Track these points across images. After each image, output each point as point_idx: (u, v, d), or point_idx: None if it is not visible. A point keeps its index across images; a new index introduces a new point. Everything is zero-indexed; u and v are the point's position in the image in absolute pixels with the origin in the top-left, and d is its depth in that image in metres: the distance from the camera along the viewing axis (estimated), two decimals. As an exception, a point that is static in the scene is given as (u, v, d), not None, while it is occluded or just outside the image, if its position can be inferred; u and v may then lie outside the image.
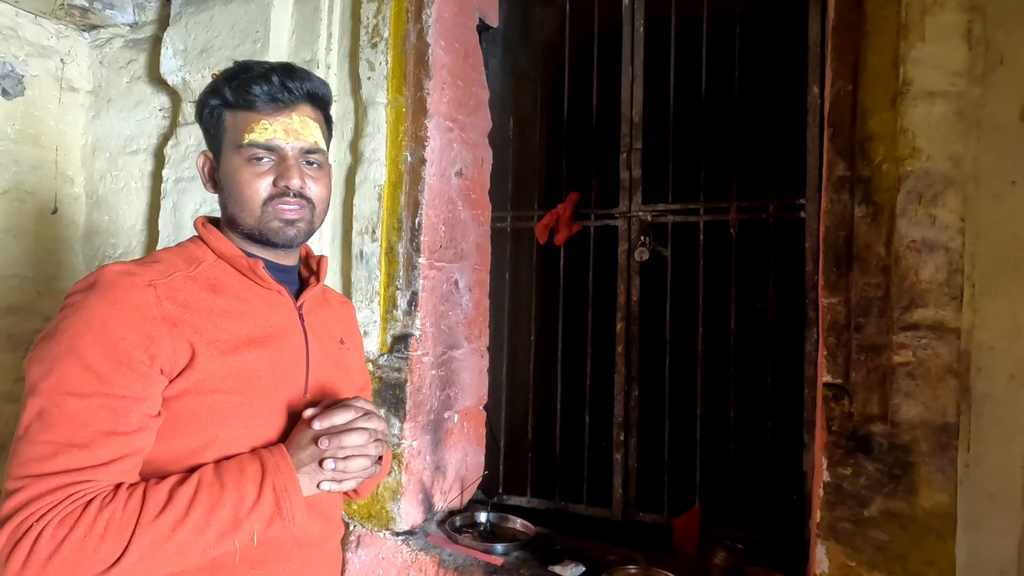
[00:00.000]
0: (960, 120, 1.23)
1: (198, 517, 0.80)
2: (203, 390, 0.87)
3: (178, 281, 0.90)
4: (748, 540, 1.73)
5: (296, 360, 1.00)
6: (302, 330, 1.02)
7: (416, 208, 1.82)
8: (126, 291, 0.84)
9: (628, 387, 2.02)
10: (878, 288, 1.29)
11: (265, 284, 0.98)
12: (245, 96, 0.95)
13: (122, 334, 0.82)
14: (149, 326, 0.84)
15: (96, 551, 0.75)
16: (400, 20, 1.86)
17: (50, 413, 0.78)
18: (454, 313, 1.97)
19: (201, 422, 0.88)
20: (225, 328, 0.91)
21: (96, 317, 0.82)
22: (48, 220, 2.30)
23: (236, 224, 0.98)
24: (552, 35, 2.67)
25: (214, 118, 0.99)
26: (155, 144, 2.28)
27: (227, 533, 0.82)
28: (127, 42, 2.35)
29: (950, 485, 1.21)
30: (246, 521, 0.83)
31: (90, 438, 0.79)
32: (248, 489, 0.84)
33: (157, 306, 0.85)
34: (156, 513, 0.78)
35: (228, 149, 0.97)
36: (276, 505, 0.85)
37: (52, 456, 0.77)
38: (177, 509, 0.79)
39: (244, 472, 0.85)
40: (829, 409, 1.32)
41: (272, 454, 0.88)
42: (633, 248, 2.00)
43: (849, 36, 1.35)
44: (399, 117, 1.85)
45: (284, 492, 0.85)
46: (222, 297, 0.94)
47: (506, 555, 1.70)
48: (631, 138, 2.03)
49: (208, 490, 0.82)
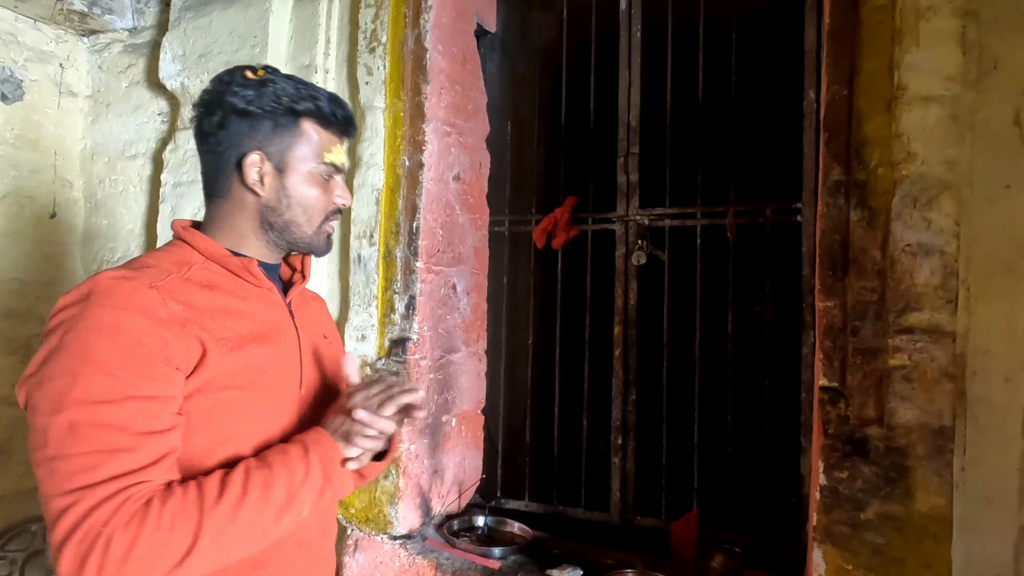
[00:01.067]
0: (955, 125, 1.24)
1: (255, 497, 0.83)
2: (214, 387, 0.88)
3: (175, 283, 0.90)
4: (746, 544, 1.73)
5: (291, 355, 1.01)
6: (294, 326, 1.04)
7: (414, 212, 1.82)
8: (129, 295, 0.83)
9: (626, 391, 2.02)
10: (873, 292, 1.30)
11: (257, 282, 0.99)
12: (332, 117, 1.00)
13: (138, 337, 0.81)
14: (160, 327, 0.83)
15: (168, 544, 0.77)
16: (398, 25, 1.87)
17: (83, 425, 0.77)
18: (452, 317, 1.97)
19: (215, 419, 0.88)
20: (228, 326, 0.92)
21: (105, 324, 0.81)
22: (47, 224, 2.30)
23: (289, 231, 1.00)
24: (550, 40, 2.68)
25: (286, 121, 0.98)
26: (154, 148, 2.28)
27: (284, 509, 0.85)
28: (126, 47, 2.36)
29: (946, 488, 1.22)
30: (299, 494, 0.87)
31: (133, 441, 0.79)
32: (296, 465, 0.88)
33: (164, 307, 0.85)
34: (215, 498, 0.81)
35: (302, 159, 0.98)
36: (325, 474, 0.89)
37: (99, 465, 0.77)
38: (233, 493, 0.82)
39: (287, 452, 0.89)
40: (825, 412, 1.32)
41: (309, 433, 0.93)
42: (631, 252, 2.01)
43: (844, 41, 1.36)
44: (397, 121, 1.85)
45: (330, 461, 0.90)
46: (220, 296, 0.94)
47: (504, 559, 1.70)
48: (628, 142, 2.04)
49: (258, 473, 0.85)
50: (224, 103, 0.96)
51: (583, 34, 2.23)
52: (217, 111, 0.97)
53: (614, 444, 2.03)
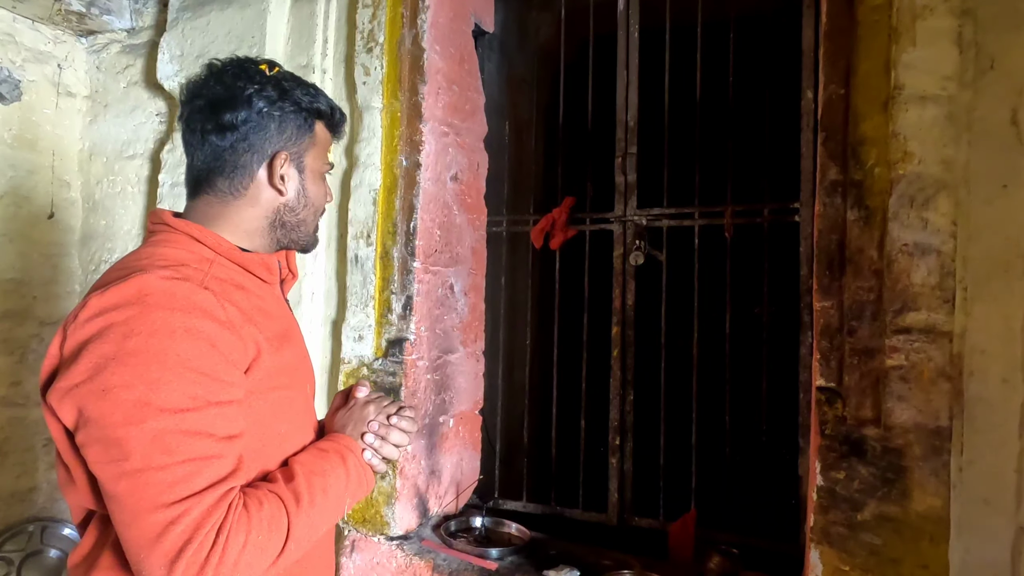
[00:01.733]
0: (951, 124, 1.24)
1: (320, 502, 0.89)
2: (264, 388, 0.89)
3: (215, 284, 0.87)
4: (744, 545, 1.73)
5: (305, 352, 1.06)
6: (296, 322, 1.07)
7: (411, 212, 1.82)
8: (189, 297, 0.81)
9: (623, 391, 2.02)
10: (871, 292, 1.29)
11: (272, 280, 1.00)
12: (335, 121, 1.04)
13: (210, 340, 0.80)
14: (223, 329, 0.82)
15: (266, 547, 0.80)
16: (395, 25, 1.86)
17: (171, 434, 0.75)
18: (449, 317, 1.97)
19: (266, 420, 0.90)
20: (267, 325, 0.92)
21: (177, 327, 0.78)
22: (44, 225, 2.30)
23: (297, 229, 1.01)
24: (547, 40, 2.68)
25: (302, 121, 0.98)
26: (152, 149, 2.28)
27: (338, 511, 0.93)
28: (124, 47, 2.36)
29: (943, 489, 1.21)
30: (345, 496, 0.94)
31: (220, 448, 0.80)
32: (339, 472, 0.94)
33: (221, 309, 0.83)
34: (295, 504, 0.86)
35: (315, 160, 1.01)
36: (359, 479, 0.97)
37: (199, 473, 0.77)
38: (307, 498, 0.87)
39: (329, 459, 0.95)
40: (822, 413, 1.31)
41: (339, 439, 0.99)
42: (628, 252, 2.00)
43: (841, 41, 1.35)
44: (394, 122, 1.85)
45: (361, 467, 0.98)
46: (251, 296, 0.93)
47: (501, 560, 1.70)
48: (626, 143, 2.04)
49: (316, 479, 0.90)
50: (250, 100, 0.93)
51: (581, 34, 2.23)
52: (241, 107, 0.92)
53: (612, 445, 2.02)
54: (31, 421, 2.23)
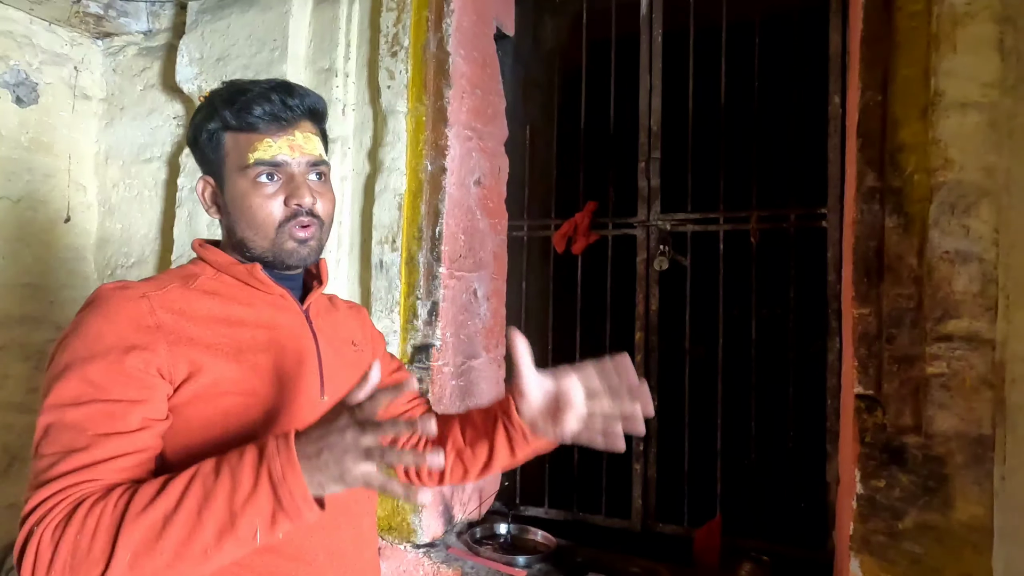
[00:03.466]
0: (993, 131, 1.23)
1: (189, 509, 0.71)
2: (213, 393, 0.88)
3: (174, 292, 0.91)
4: (770, 551, 1.72)
5: (308, 362, 0.99)
6: (311, 332, 1.01)
7: (436, 217, 1.81)
8: (119, 303, 0.86)
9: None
10: (910, 299, 1.29)
11: (266, 288, 0.98)
12: (247, 117, 0.94)
13: (114, 343, 0.83)
14: (143, 334, 0.85)
15: (89, 551, 0.71)
16: (420, 29, 1.85)
17: (54, 427, 0.81)
18: (473, 323, 1.96)
19: (216, 426, 0.88)
20: (227, 333, 0.92)
21: (91, 331, 0.84)
22: (60, 229, 2.28)
23: (246, 247, 0.97)
24: (562, 44, 2.67)
25: (213, 142, 0.97)
26: (169, 152, 2.27)
27: (225, 531, 0.71)
28: (141, 50, 2.35)
29: (986, 497, 1.21)
30: (242, 515, 0.71)
31: (88, 441, 0.80)
32: (244, 476, 0.72)
33: (151, 315, 0.87)
34: (143, 506, 0.72)
35: (232, 172, 0.96)
36: (274, 495, 0.71)
37: (55, 464, 0.79)
38: (167, 501, 0.72)
39: (242, 459, 0.74)
40: (862, 420, 1.31)
41: (275, 438, 0.75)
42: (652, 257, 2.00)
43: (878, 47, 1.35)
44: (419, 126, 1.84)
45: (282, 479, 0.71)
46: (221, 303, 0.94)
47: (528, 567, 1.69)
48: (649, 147, 2.03)
49: (202, 480, 0.73)
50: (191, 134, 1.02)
51: (598, 37, 2.22)
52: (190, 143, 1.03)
53: (635, 450, 2.01)
54: (48, 427, 2.21)
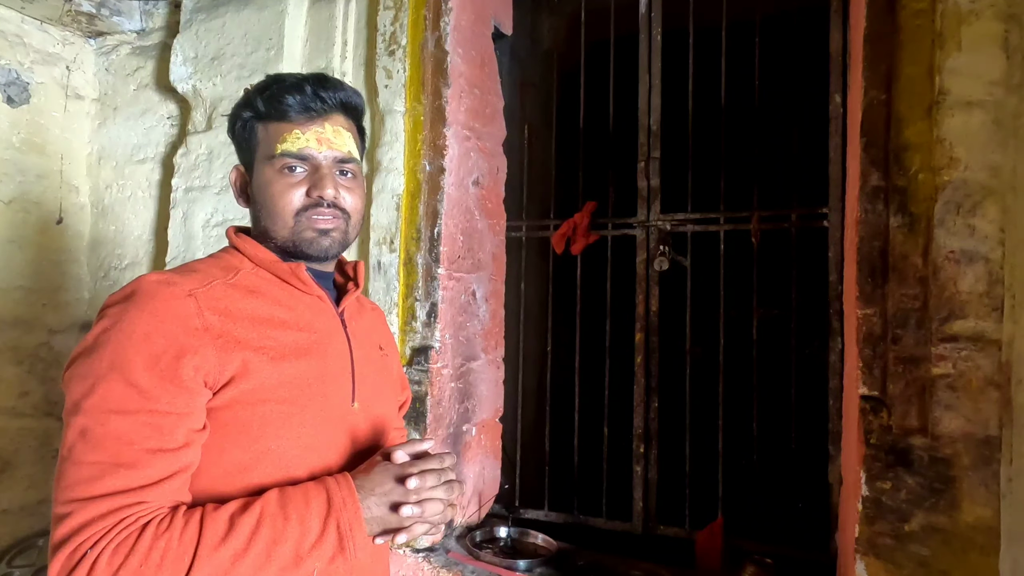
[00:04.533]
0: (998, 130, 1.22)
1: (259, 551, 0.77)
2: (253, 400, 0.85)
3: (218, 289, 0.88)
4: (772, 553, 1.71)
5: (342, 367, 0.97)
6: (345, 336, 1.00)
7: (435, 218, 1.79)
8: (166, 301, 0.82)
9: (648, 398, 2.00)
10: (915, 299, 1.28)
11: (307, 289, 0.96)
12: (277, 106, 0.94)
13: (165, 347, 0.79)
14: (192, 338, 0.81)
15: None
16: (418, 28, 1.84)
17: (94, 432, 0.75)
18: (472, 324, 1.94)
19: (252, 433, 0.85)
20: (271, 335, 0.89)
21: (138, 330, 0.79)
22: (53, 230, 2.25)
23: (269, 236, 0.96)
24: (559, 43, 2.66)
25: (246, 131, 0.98)
26: (163, 153, 2.24)
27: (287, 569, 0.79)
28: (134, 49, 2.32)
29: (993, 499, 1.19)
30: (307, 559, 0.80)
31: (136, 457, 0.76)
32: (312, 524, 0.80)
33: (199, 316, 0.83)
34: (216, 543, 0.75)
35: (260, 161, 0.96)
36: (339, 544, 0.81)
37: (99, 477, 0.74)
38: (238, 541, 0.76)
39: (309, 505, 0.82)
40: (867, 422, 1.29)
41: (340, 487, 0.84)
42: (652, 258, 1.98)
43: (882, 45, 1.34)
44: (417, 126, 1.82)
45: (349, 532, 0.82)
46: (264, 304, 0.91)
47: (529, 571, 1.67)
48: (649, 147, 2.01)
49: (271, 522, 0.79)
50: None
51: (596, 37, 2.21)
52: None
53: (636, 452, 2.00)
54: (41, 432, 2.18)
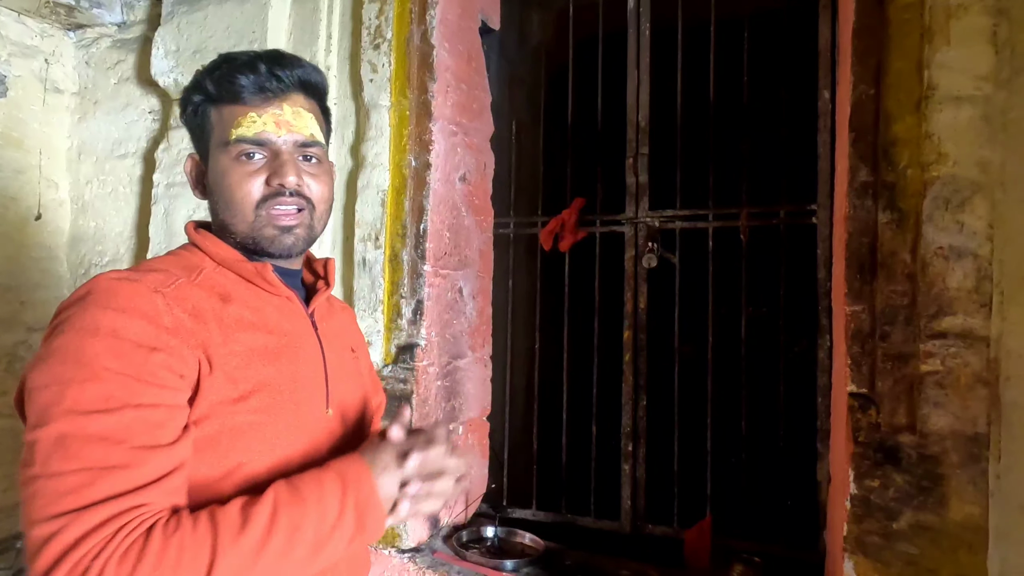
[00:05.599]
0: (987, 125, 1.21)
1: (280, 540, 0.72)
2: (221, 412, 0.78)
3: (184, 289, 0.81)
4: (761, 552, 1.70)
5: (314, 371, 0.91)
6: (317, 339, 0.94)
7: (421, 214, 1.77)
8: (130, 298, 0.74)
9: (636, 396, 1.98)
10: (904, 296, 1.27)
11: (274, 290, 0.90)
12: (229, 87, 0.86)
13: (137, 342, 0.72)
14: (163, 335, 0.74)
15: None
16: (403, 21, 1.81)
17: (74, 438, 0.67)
18: (458, 322, 1.92)
19: (222, 448, 0.78)
20: (239, 339, 0.82)
21: (102, 327, 0.72)
22: (32, 227, 2.21)
23: (228, 231, 0.89)
24: (548, 39, 2.64)
25: (199, 116, 0.90)
26: (144, 148, 2.20)
27: (311, 555, 0.75)
28: (115, 42, 2.28)
29: (981, 497, 1.19)
30: (329, 540, 0.76)
31: (130, 456, 0.68)
32: (329, 505, 0.76)
33: (168, 314, 0.76)
34: (234, 535, 0.70)
35: (215, 148, 0.88)
36: (359, 521, 0.77)
37: (91, 484, 0.66)
38: (256, 532, 0.71)
39: (323, 487, 0.77)
40: (855, 420, 1.28)
41: (352, 464, 0.80)
42: (640, 255, 1.97)
43: (871, 40, 1.32)
44: (403, 120, 1.79)
45: (366, 507, 0.78)
46: (232, 305, 0.84)
47: (516, 572, 1.66)
48: (637, 143, 2.00)
49: (287, 509, 0.74)
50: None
51: (584, 33, 2.19)
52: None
53: (625, 451, 1.99)
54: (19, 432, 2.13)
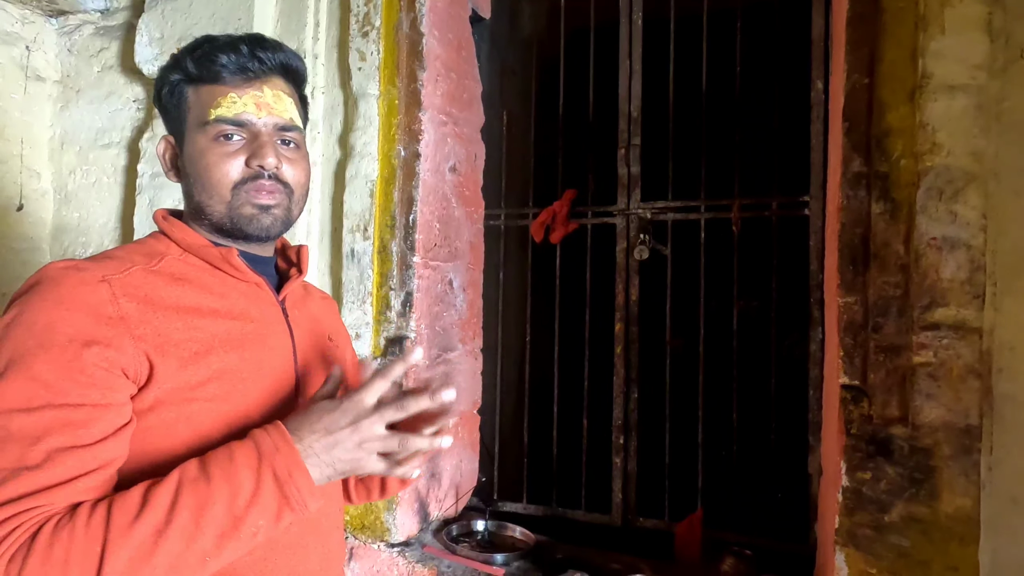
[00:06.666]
0: (981, 115, 1.20)
1: (184, 520, 0.68)
2: (177, 399, 0.77)
3: (137, 276, 0.79)
4: (752, 545, 1.69)
5: (283, 359, 0.89)
6: (287, 326, 0.92)
7: (410, 205, 1.74)
8: (74, 288, 0.73)
9: (627, 389, 1.97)
10: (897, 287, 1.26)
11: (241, 276, 0.88)
12: (210, 67, 0.85)
13: (71, 336, 0.71)
14: (104, 327, 0.73)
15: None
16: (392, 8, 1.78)
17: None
18: (448, 314, 1.89)
19: (180, 437, 0.77)
20: (197, 326, 0.80)
21: (40, 321, 0.71)
22: (13, 217, 2.16)
23: (203, 214, 0.87)
24: (539, 30, 2.61)
25: (175, 96, 0.88)
26: (129, 137, 2.16)
27: (227, 535, 0.70)
28: (98, 29, 2.23)
29: (973, 489, 1.18)
30: (247, 517, 0.70)
31: (43, 456, 0.67)
32: (242, 478, 0.71)
33: (112, 304, 0.74)
34: (129, 522, 0.66)
35: (192, 129, 0.87)
36: (280, 493, 0.72)
37: (1, 484, 0.66)
38: (156, 515, 0.67)
39: (234, 459, 0.72)
40: (847, 412, 1.28)
41: (268, 434, 0.74)
42: (632, 247, 1.95)
43: (864, 28, 1.31)
44: (392, 110, 1.77)
45: (288, 477, 0.72)
46: (191, 291, 0.83)
47: (507, 565, 1.64)
48: (629, 134, 1.98)
49: (192, 487, 0.69)
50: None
51: (576, 24, 2.17)
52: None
53: (616, 444, 1.97)
54: (0, 426, 2.10)
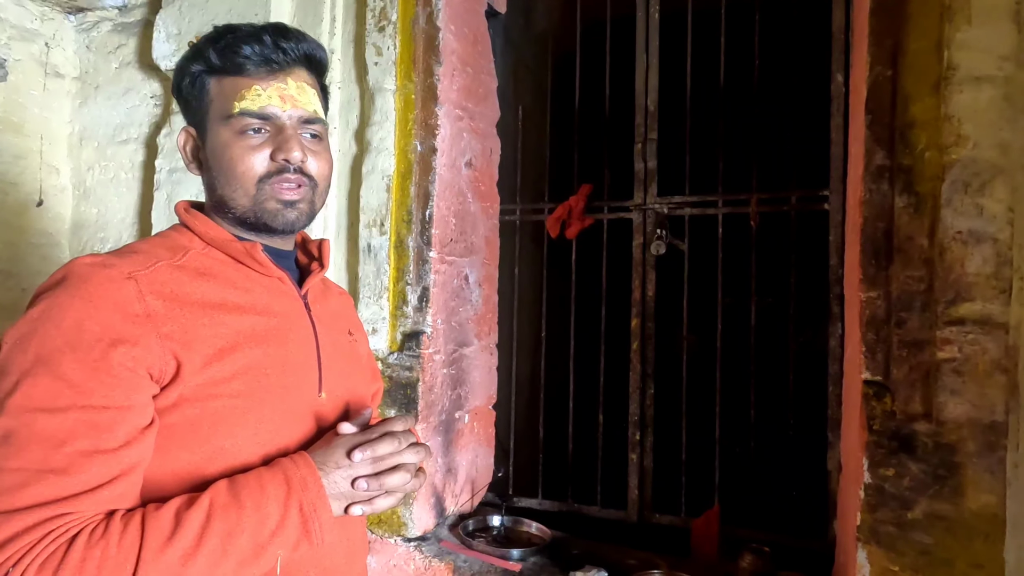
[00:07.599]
0: (1008, 106, 1.18)
1: (213, 546, 0.69)
2: (202, 396, 0.76)
3: (163, 272, 0.79)
4: (768, 541, 1.68)
5: (306, 355, 0.89)
6: (310, 321, 0.92)
7: (427, 200, 1.74)
8: (101, 285, 0.73)
9: (644, 385, 1.96)
10: (921, 281, 1.24)
11: (265, 271, 0.87)
12: (233, 58, 0.84)
13: (98, 335, 0.71)
14: (131, 326, 0.73)
15: None
16: (409, 3, 1.78)
17: (19, 435, 0.66)
18: (464, 309, 1.89)
19: (203, 433, 0.77)
20: (223, 322, 0.80)
21: (67, 318, 0.71)
22: (33, 213, 2.18)
23: (227, 207, 0.87)
24: (554, 24, 2.60)
25: (196, 88, 0.87)
26: (146, 133, 2.17)
27: (248, 562, 0.72)
28: (116, 26, 2.24)
29: (998, 486, 1.17)
30: (269, 547, 0.73)
31: (68, 460, 0.67)
32: (270, 509, 0.73)
33: (140, 302, 0.74)
34: (161, 544, 0.67)
35: (215, 121, 0.86)
36: (304, 527, 0.75)
37: (24, 486, 0.65)
38: (187, 538, 0.68)
39: (264, 490, 0.74)
40: (870, 408, 1.26)
41: (297, 467, 0.77)
42: (648, 242, 1.94)
43: (888, 20, 1.29)
44: (408, 104, 1.76)
45: (313, 512, 0.75)
46: (216, 287, 0.82)
47: (523, 560, 1.64)
48: (646, 128, 1.97)
49: (223, 513, 0.71)
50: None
51: (592, 17, 2.16)
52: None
53: (632, 440, 1.97)
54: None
